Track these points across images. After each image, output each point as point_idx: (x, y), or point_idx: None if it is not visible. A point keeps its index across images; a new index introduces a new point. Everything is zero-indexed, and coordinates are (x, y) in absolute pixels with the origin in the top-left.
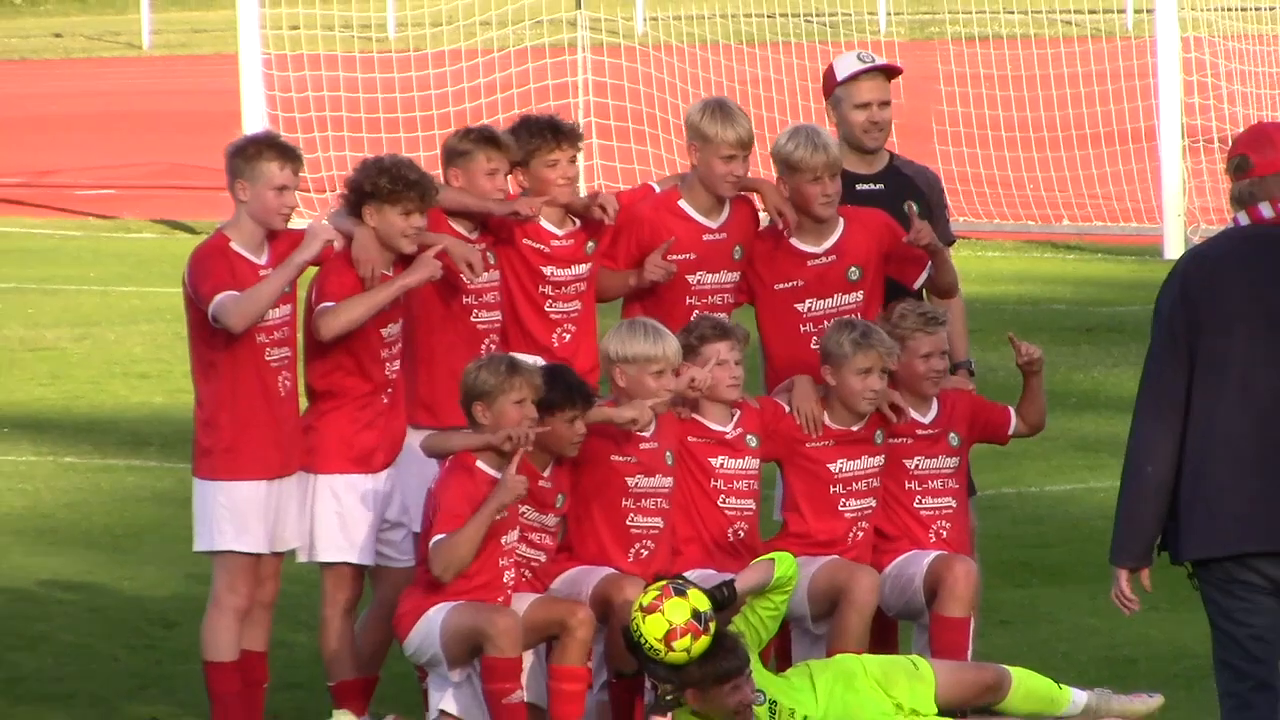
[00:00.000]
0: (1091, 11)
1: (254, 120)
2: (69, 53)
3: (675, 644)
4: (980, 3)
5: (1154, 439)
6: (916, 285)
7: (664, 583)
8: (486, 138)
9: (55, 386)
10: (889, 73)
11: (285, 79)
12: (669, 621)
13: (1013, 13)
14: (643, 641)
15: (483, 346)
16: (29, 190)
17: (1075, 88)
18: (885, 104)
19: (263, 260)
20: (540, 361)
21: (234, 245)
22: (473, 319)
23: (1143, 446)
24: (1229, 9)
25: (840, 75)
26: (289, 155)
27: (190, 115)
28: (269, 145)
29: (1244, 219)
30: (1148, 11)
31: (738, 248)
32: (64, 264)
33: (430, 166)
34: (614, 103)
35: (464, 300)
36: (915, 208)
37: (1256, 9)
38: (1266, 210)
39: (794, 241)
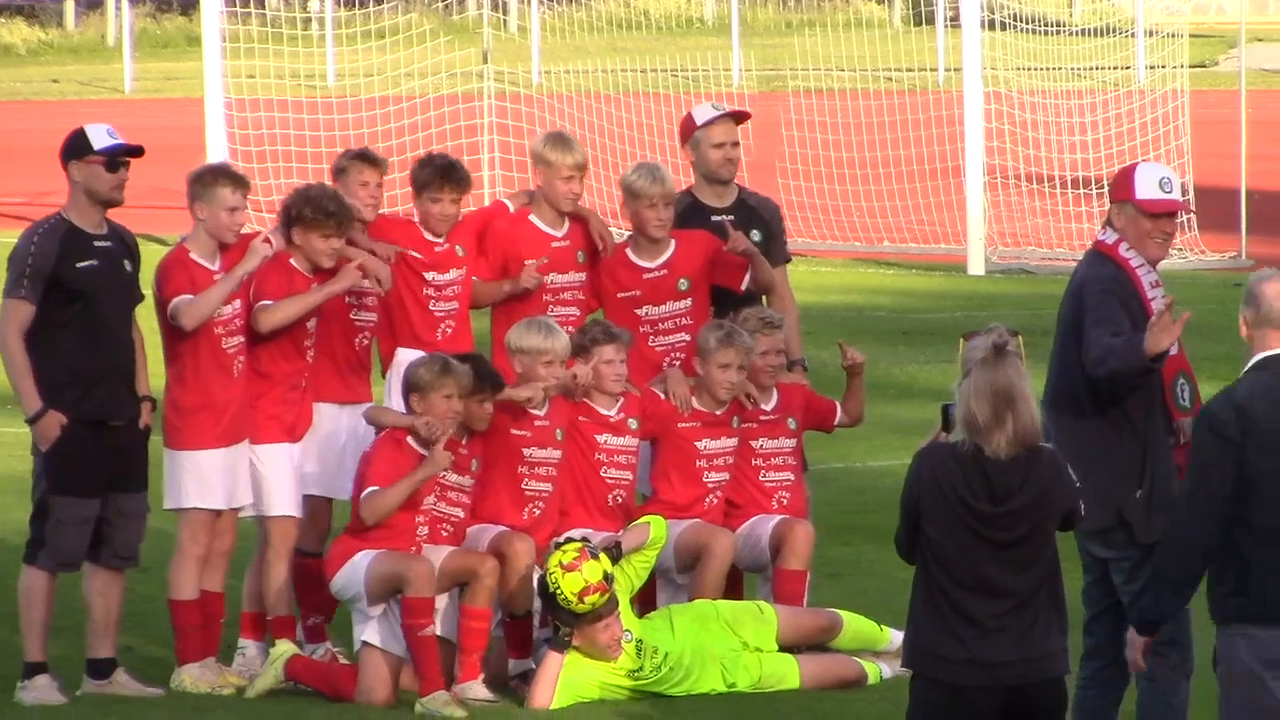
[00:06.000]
0: (909, 69)
1: (217, 152)
2: (64, 95)
3: (587, 599)
4: (817, 61)
5: None
6: (742, 287)
7: (579, 545)
8: (360, 155)
9: None
10: (738, 118)
11: (243, 119)
12: (585, 580)
13: (844, 70)
14: (558, 593)
15: (356, 341)
16: (30, 208)
17: (895, 132)
18: (736, 144)
19: (216, 267)
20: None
21: (193, 255)
22: (352, 316)
23: None
24: (1023, 69)
25: (699, 121)
26: (239, 182)
27: (163, 148)
28: (223, 173)
29: None
30: (956, 70)
31: (580, 253)
32: None
33: None
34: (514, 141)
35: (345, 300)
36: (732, 222)
37: (1045, 68)
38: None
39: (632, 257)
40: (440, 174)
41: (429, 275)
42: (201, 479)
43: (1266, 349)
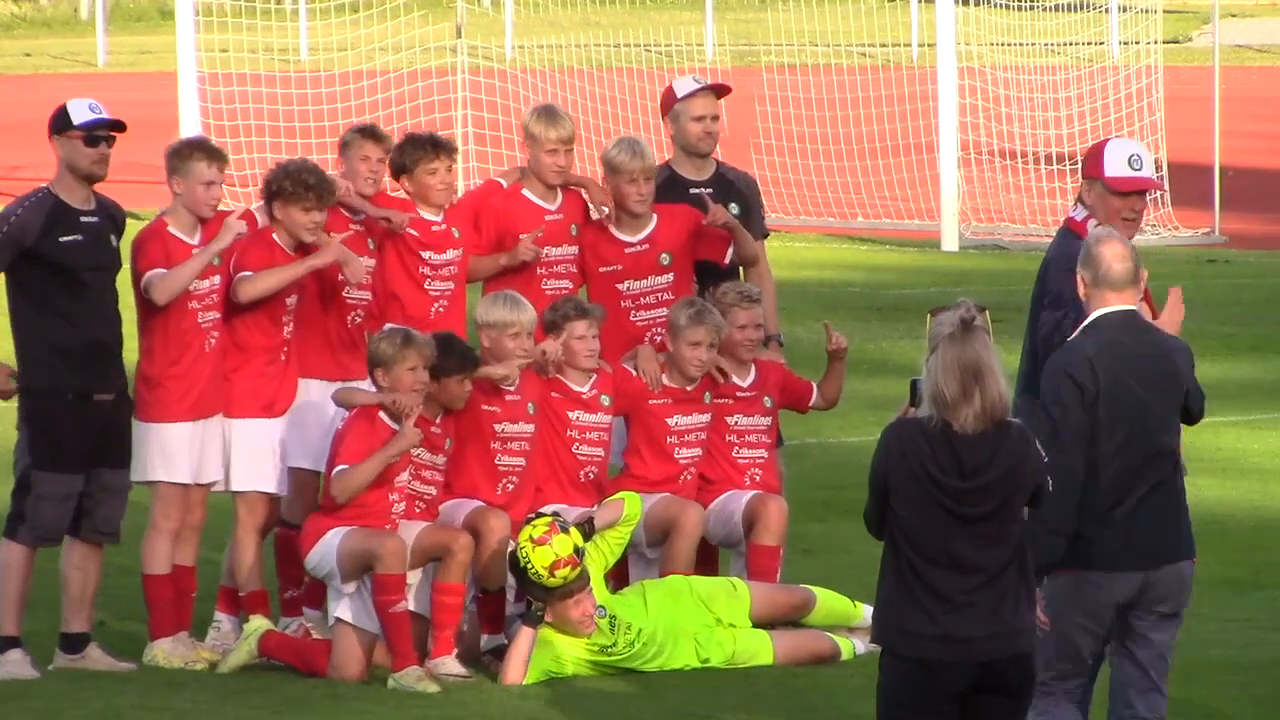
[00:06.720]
0: (882, 45)
1: (189, 126)
2: (36, 69)
3: (558, 572)
4: (791, 36)
5: None
6: (726, 261)
7: (549, 519)
8: (363, 130)
9: None
10: (719, 91)
11: (216, 93)
12: (555, 554)
13: (817, 45)
14: (529, 567)
15: (349, 318)
16: (2, 182)
17: (869, 108)
18: (716, 117)
19: (195, 240)
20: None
21: (171, 229)
22: (345, 294)
23: None
24: (997, 45)
25: (680, 94)
26: (216, 155)
27: (137, 122)
28: (199, 147)
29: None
30: (930, 46)
31: (574, 226)
32: None
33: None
34: (488, 115)
35: (339, 277)
36: (711, 196)
37: (1019, 44)
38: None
39: (614, 232)
40: (430, 144)
41: (425, 254)
42: (167, 453)
43: (1103, 306)
